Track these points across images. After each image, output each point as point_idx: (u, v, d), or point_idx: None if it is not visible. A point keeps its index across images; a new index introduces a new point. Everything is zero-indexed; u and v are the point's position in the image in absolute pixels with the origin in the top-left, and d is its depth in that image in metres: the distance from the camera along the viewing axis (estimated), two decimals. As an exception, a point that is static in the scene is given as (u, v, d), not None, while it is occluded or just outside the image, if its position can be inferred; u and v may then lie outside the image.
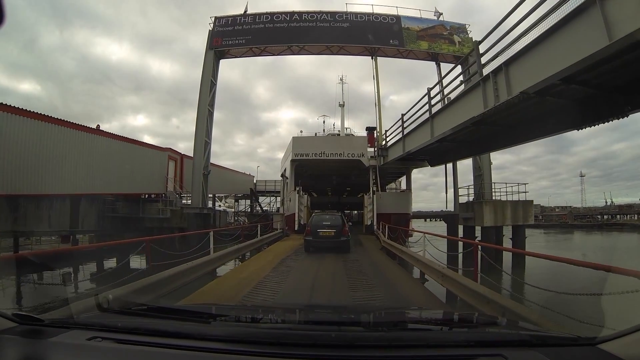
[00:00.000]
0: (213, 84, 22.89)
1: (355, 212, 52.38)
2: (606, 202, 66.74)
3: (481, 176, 21.74)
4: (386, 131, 20.80)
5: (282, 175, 22.54)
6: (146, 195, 22.55)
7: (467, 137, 14.98)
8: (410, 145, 16.39)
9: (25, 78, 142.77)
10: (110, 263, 14.92)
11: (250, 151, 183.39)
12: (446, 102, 13.17)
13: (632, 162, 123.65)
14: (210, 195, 41.03)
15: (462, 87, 12.41)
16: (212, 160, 23.26)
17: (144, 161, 21.89)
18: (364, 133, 27.05)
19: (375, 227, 20.16)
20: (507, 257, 16.09)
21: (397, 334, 1.83)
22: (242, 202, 46.17)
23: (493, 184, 21.21)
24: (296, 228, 20.55)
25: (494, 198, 21.12)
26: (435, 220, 37.36)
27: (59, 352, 1.60)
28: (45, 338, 1.65)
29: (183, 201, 23.19)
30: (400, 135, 17.55)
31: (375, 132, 21.37)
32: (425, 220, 38.93)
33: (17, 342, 1.62)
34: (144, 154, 22.03)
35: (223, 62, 24.14)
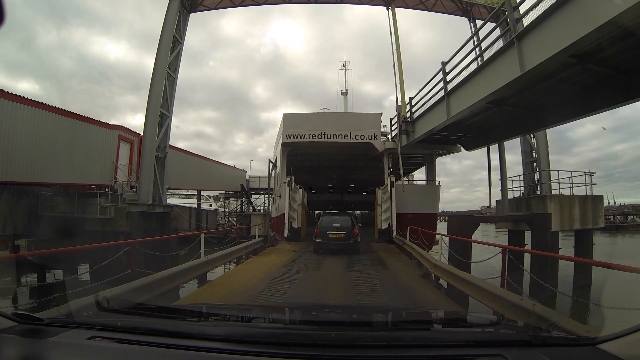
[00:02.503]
0: (178, 42, 17.18)
1: (359, 212, 47.10)
2: (608, 202, 62.18)
3: (534, 163, 16.13)
4: (411, 99, 15.02)
5: (271, 163, 16.91)
6: (96, 188, 16.93)
7: (538, 100, 10.36)
8: (459, 105, 10.71)
9: (23, 77, 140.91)
10: None
11: (251, 150, 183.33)
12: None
13: (633, 162, 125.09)
14: (192, 192, 36.13)
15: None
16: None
17: (86, 141, 16.43)
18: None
19: (394, 232, 14.57)
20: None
21: (397, 334, 1.84)
22: (236, 201, 40.47)
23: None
24: (286, 234, 14.99)
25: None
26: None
27: (58, 351, 1.58)
28: (45, 337, 1.63)
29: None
30: (441, 94, 11.78)
31: (396, 100, 15.60)
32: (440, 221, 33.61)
33: (16, 341, 1.60)
34: (87, 132, 16.50)
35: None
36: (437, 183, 18.35)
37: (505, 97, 10.64)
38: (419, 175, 27.69)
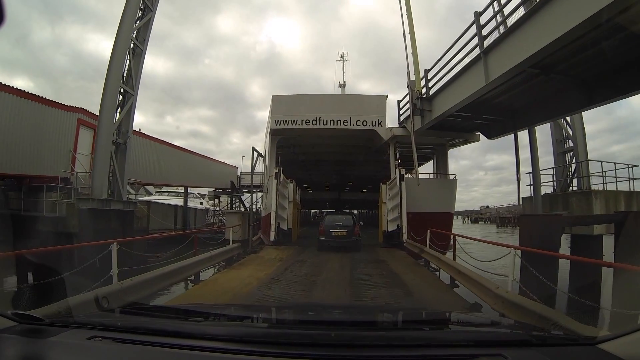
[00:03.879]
0: (149, 9, 14.39)
1: (356, 211, 44.61)
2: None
3: (566, 154, 13.61)
4: (427, 71, 12.29)
5: (255, 151, 14.23)
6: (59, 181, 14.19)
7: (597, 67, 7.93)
8: (504, 64, 7.98)
9: (18, 74, 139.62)
10: None
11: (247, 149, 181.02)
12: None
13: (630, 163, 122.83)
14: (178, 190, 33.36)
15: None
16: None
17: (36, 124, 13.75)
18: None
19: (405, 235, 11.97)
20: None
21: (397, 334, 1.82)
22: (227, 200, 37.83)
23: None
24: (272, 238, 12.39)
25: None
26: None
27: (58, 351, 1.57)
28: (45, 337, 1.61)
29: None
30: (473, 56, 9.05)
31: (407, 74, 12.81)
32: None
33: (16, 341, 1.59)
34: (36, 113, 13.77)
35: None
36: (453, 177, 15.66)
37: (558, 60, 8.08)
38: (424, 170, 25.07)
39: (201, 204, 37.99)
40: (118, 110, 12.95)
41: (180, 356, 1.48)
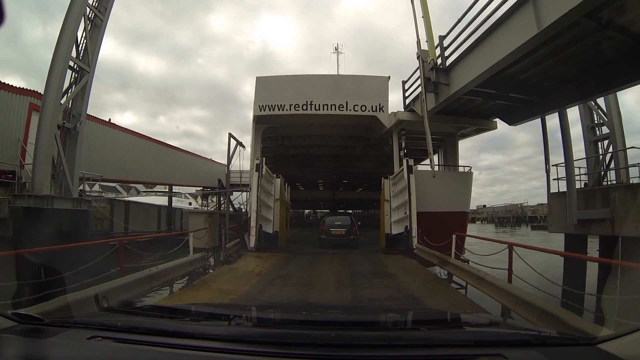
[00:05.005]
0: (111, -25, 12.34)
1: (350, 211, 42.63)
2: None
3: (598, 142, 11.68)
4: (442, 38, 10.13)
5: (231, 138, 12.03)
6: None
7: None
8: (557, 9, 5.88)
9: (9, 74, 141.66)
10: None
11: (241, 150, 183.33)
12: None
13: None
14: (177, 190, 31.13)
15: None
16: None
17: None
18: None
19: (415, 239, 9.94)
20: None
21: (397, 334, 1.81)
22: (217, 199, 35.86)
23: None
24: (252, 244, 10.34)
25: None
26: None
27: (58, 351, 1.56)
28: (45, 337, 1.60)
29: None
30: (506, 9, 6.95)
31: (417, 44, 10.60)
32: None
33: (16, 341, 1.57)
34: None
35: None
36: (468, 169, 13.57)
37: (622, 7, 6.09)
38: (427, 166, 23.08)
39: (190, 204, 36.26)
40: (71, 92, 10.79)
41: (181, 356, 1.47)
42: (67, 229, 10.09)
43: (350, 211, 41.34)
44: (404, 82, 12.90)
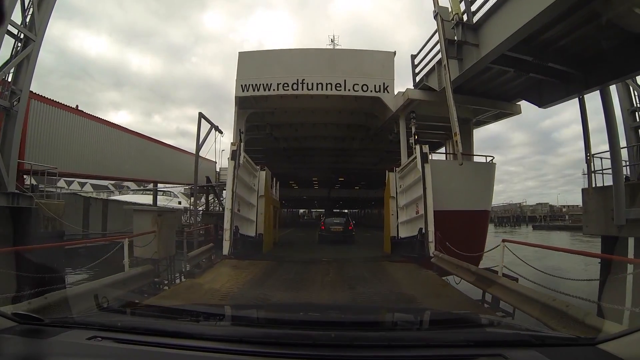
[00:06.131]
0: None
1: (347, 210, 40.81)
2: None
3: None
4: None
5: (202, 118, 10.01)
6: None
7: None
8: None
9: None
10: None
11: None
12: None
13: None
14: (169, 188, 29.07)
15: None
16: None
17: None
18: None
19: (432, 245, 8.05)
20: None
21: (397, 334, 1.80)
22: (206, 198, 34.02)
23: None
24: (225, 251, 8.46)
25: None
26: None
27: (58, 351, 1.54)
28: (45, 337, 1.59)
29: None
30: None
31: (433, 1, 8.58)
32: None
33: (16, 341, 1.56)
34: None
35: None
36: (490, 160, 11.56)
37: None
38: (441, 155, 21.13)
39: (179, 202, 34.39)
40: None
41: (181, 357, 1.46)
42: (9, 229, 8.27)
43: (346, 210, 39.64)
44: (413, 57, 10.97)
